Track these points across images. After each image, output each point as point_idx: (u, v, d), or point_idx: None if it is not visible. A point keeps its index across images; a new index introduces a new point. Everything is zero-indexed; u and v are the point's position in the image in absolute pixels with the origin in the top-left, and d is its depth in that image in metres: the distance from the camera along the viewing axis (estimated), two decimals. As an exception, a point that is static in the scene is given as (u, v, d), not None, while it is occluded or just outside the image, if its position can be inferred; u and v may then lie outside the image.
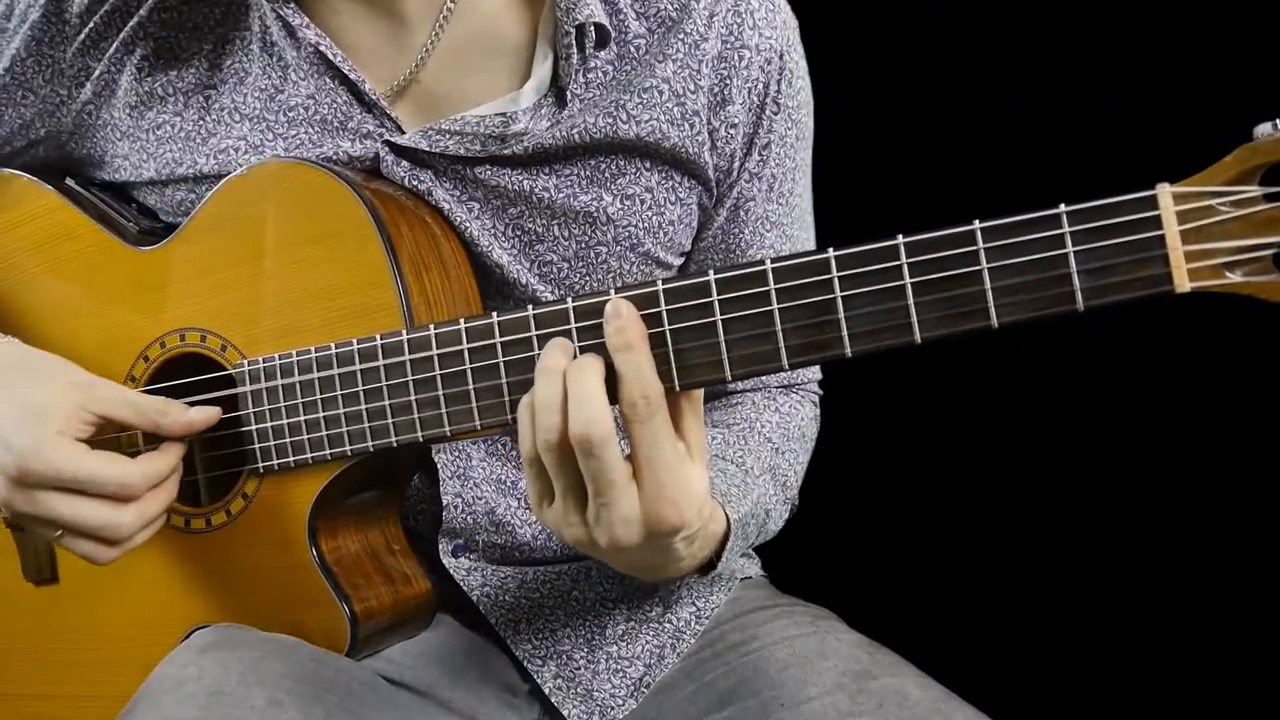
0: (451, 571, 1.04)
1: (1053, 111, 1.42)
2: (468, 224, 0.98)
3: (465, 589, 1.04)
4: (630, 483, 0.75)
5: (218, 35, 1.00)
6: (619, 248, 1.01)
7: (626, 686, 1.03)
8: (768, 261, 0.75)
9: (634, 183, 1.00)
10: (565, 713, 1.02)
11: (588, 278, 1.01)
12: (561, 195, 0.99)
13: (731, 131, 1.01)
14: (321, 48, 0.97)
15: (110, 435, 0.92)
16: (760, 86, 1.01)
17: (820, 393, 1.18)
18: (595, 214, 0.99)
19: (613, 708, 1.03)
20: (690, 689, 1.02)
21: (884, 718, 0.88)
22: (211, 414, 0.92)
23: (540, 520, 0.81)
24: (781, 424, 1.08)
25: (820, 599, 1.10)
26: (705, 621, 1.07)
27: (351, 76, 0.97)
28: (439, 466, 1.02)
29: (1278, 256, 0.68)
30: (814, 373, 1.16)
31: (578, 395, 0.74)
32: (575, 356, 0.77)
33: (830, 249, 0.74)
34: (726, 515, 0.89)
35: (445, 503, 1.02)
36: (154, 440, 0.93)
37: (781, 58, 1.02)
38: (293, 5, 0.97)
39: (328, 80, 0.98)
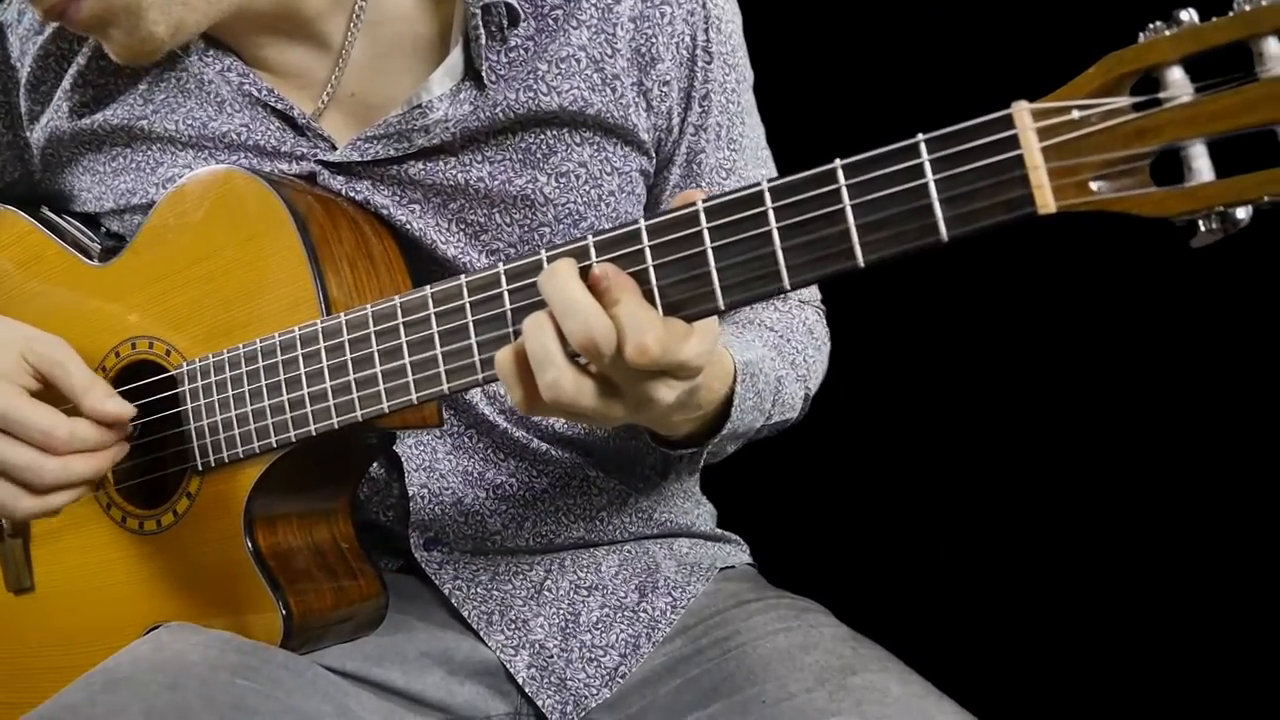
0: (423, 565, 1.04)
1: (919, 40, 1.37)
2: (410, 224, 0.99)
3: (438, 583, 1.04)
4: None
5: (153, 75, 1.04)
6: (561, 226, 1.01)
7: (601, 676, 1.02)
8: (641, 220, 0.74)
9: (566, 159, 0.99)
10: (540, 702, 1.01)
11: None
12: (497, 182, 0.99)
13: (665, 89, 1.00)
14: (245, 86, 1.00)
15: (57, 402, 0.94)
16: (687, 39, 1.00)
17: (822, 308, 1.15)
18: (533, 196, 0.99)
19: (586, 697, 1.01)
20: (674, 685, 1.00)
21: (862, 716, 0.85)
22: (125, 409, 0.94)
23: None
24: (781, 319, 1.07)
25: (809, 590, 1.08)
26: (680, 611, 1.05)
27: (279, 106, 1.00)
28: (404, 459, 1.03)
29: (1153, 169, 0.64)
30: (811, 292, 1.14)
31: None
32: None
33: (699, 201, 0.73)
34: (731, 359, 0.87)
35: (411, 494, 1.03)
36: None
37: (704, 6, 1.01)
38: (213, 52, 1.01)
39: (260, 110, 1.01)
